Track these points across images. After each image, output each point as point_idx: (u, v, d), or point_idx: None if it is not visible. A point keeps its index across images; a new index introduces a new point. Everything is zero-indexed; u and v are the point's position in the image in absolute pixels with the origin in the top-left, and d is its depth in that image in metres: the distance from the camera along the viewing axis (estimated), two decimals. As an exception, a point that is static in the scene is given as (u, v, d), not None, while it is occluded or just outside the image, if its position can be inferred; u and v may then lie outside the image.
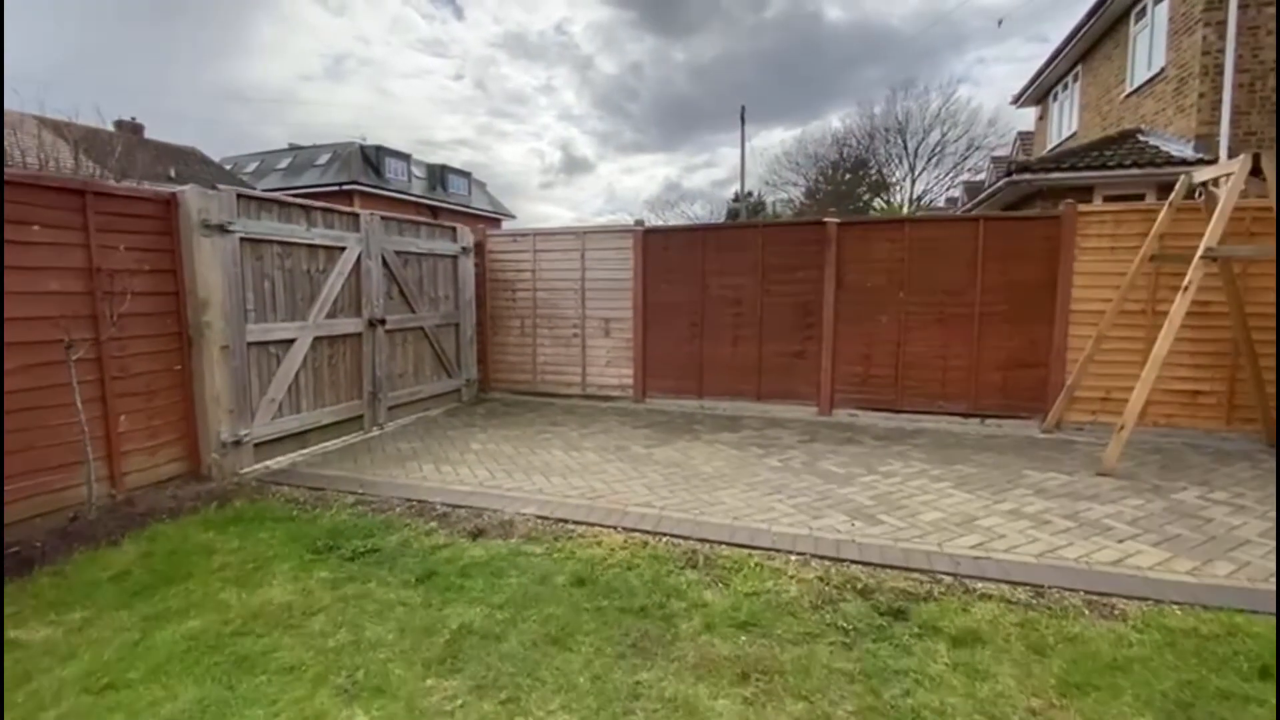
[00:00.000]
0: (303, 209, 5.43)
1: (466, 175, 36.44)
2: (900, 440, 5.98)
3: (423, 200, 30.81)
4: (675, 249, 7.57)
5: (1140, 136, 9.64)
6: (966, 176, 30.10)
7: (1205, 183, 5.51)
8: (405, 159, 32.20)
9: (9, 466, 3.66)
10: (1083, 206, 6.22)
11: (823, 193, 32.33)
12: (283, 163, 32.62)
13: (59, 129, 16.46)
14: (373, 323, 6.17)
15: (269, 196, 5.13)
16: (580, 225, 8.14)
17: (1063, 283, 6.24)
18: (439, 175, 34.45)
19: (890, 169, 32.16)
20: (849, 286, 6.91)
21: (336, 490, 4.57)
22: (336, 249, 5.75)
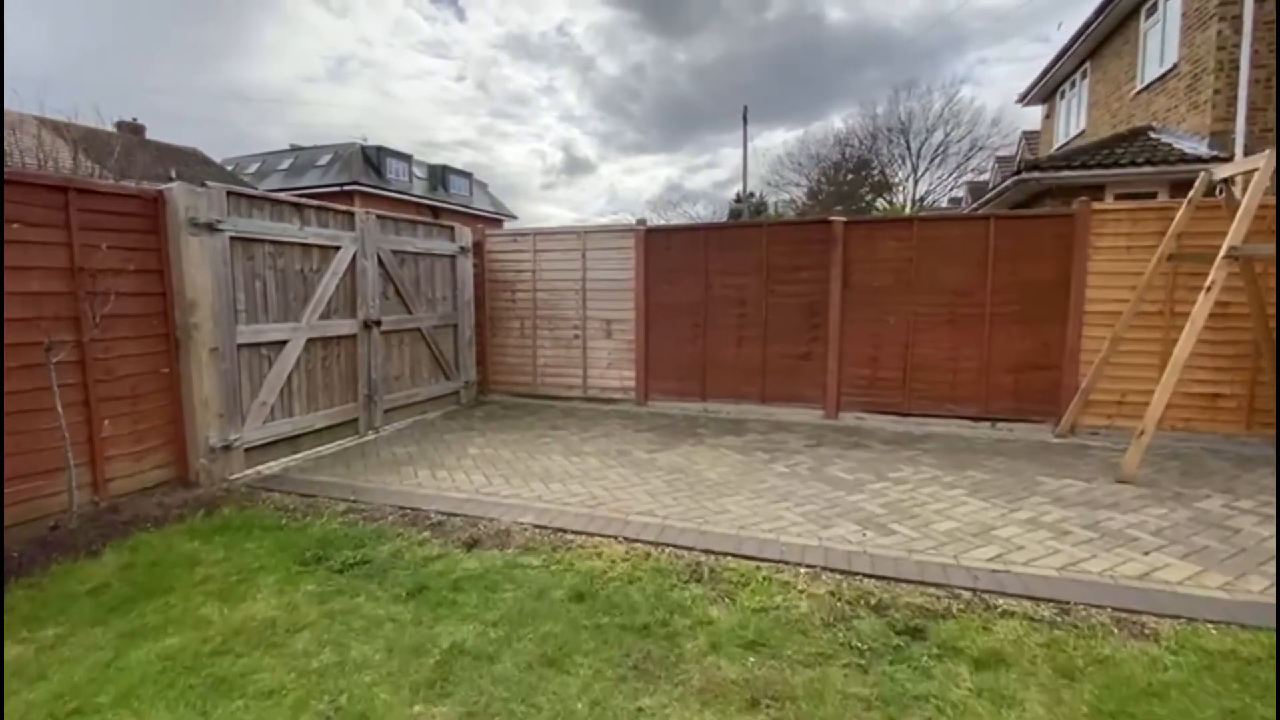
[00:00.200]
0: (295, 207, 5.28)
1: (468, 176, 36.36)
2: (909, 445, 5.81)
3: (424, 201, 30.73)
4: (678, 248, 7.42)
5: (1152, 134, 9.47)
6: (970, 177, 29.94)
7: (1226, 180, 5.34)
8: (406, 159, 32.12)
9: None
10: (1097, 204, 6.06)
11: (825, 193, 32.16)
12: (284, 163, 32.58)
13: (58, 129, 16.38)
14: (368, 324, 6.02)
15: (260, 194, 4.99)
16: (581, 225, 7.97)
17: (1076, 283, 6.07)
18: (440, 176, 34.36)
19: (893, 169, 32.01)
20: (856, 286, 6.75)
21: (328, 497, 4.42)
22: (331, 248, 5.61)
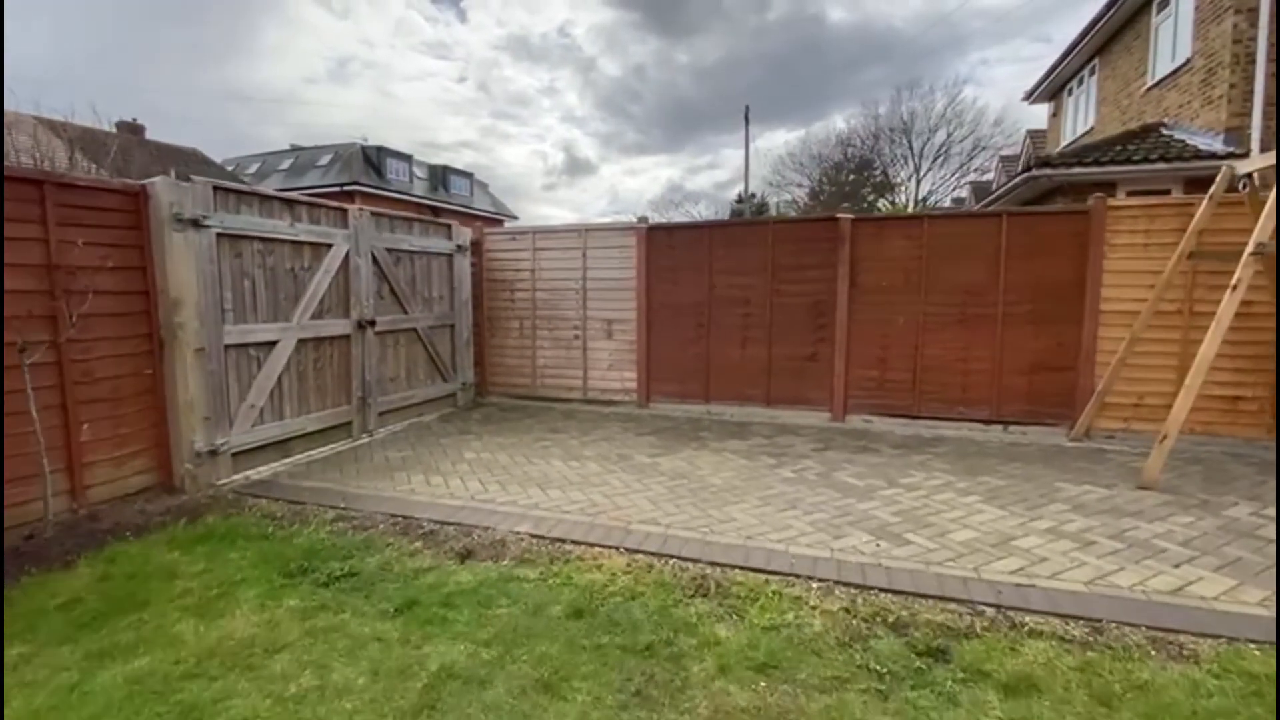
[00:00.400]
0: (286, 203, 5.11)
1: (468, 176, 36.22)
2: (919, 449, 5.63)
3: (424, 201, 30.60)
4: (680, 247, 7.24)
5: (1164, 130, 9.27)
6: (973, 177, 29.73)
7: (1249, 175, 5.15)
8: (407, 160, 32.00)
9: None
10: (1113, 201, 5.87)
11: (827, 193, 31.96)
12: (285, 163, 32.48)
13: (54, 128, 16.26)
14: (362, 324, 5.85)
15: (249, 189, 4.81)
16: (581, 223, 7.80)
17: (1092, 281, 5.88)
18: (441, 176, 34.23)
19: (895, 169, 31.78)
20: (863, 286, 6.57)
21: (317, 504, 4.25)
22: (323, 246, 5.44)
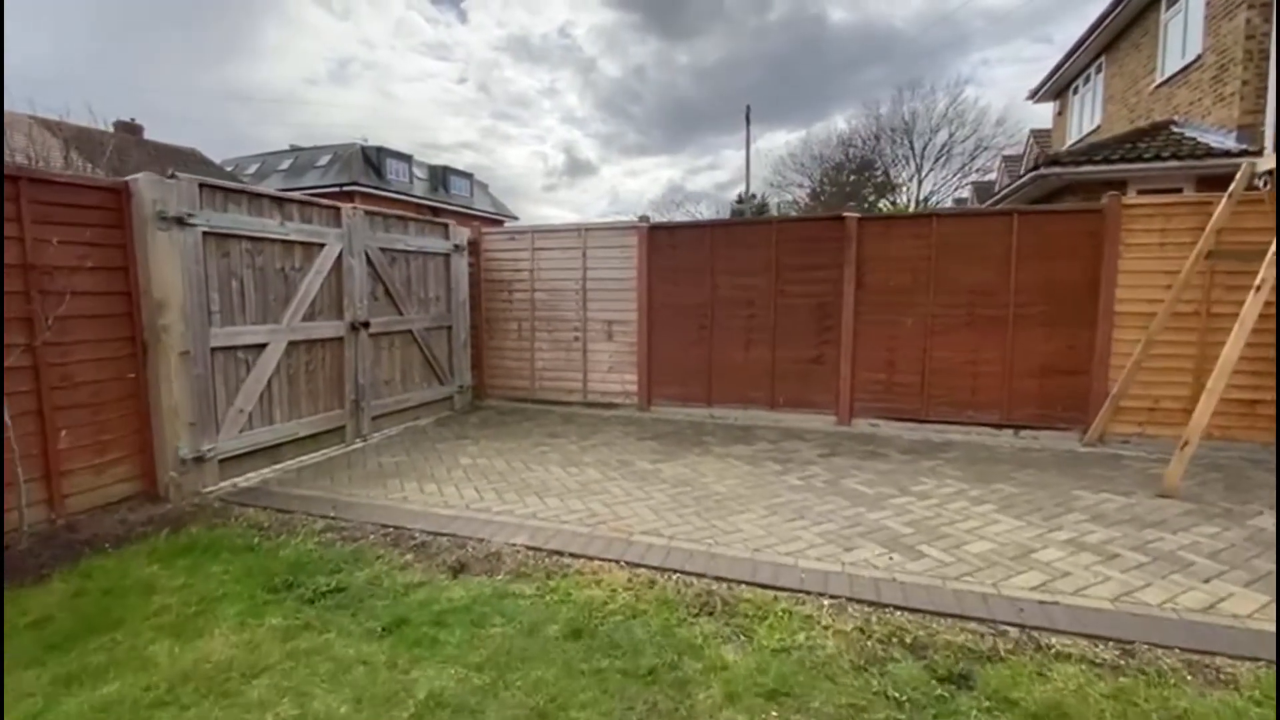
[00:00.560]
0: (276, 201, 4.96)
1: (468, 176, 36.11)
2: (929, 454, 5.47)
3: (424, 201, 30.47)
4: (683, 247, 7.08)
5: (1174, 128, 9.10)
6: (975, 177, 29.57)
7: (1269, 172, 4.99)
8: (406, 160, 31.89)
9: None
10: (1128, 199, 5.71)
11: (828, 194, 31.82)
12: (284, 164, 32.37)
13: (50, 128, 16.13)
14: (355, 326, 5.69)
15: (237, 186, 4.66)
16: (581, 222, 7.65)
17: (1106, 282, 5.72)
18: (441, 176, 34.12)
19: (897, 170, 31.63)
20: (870, 287, 6.41)
21: (306, 513, 4.09)
22: (315, 245, 5.28)
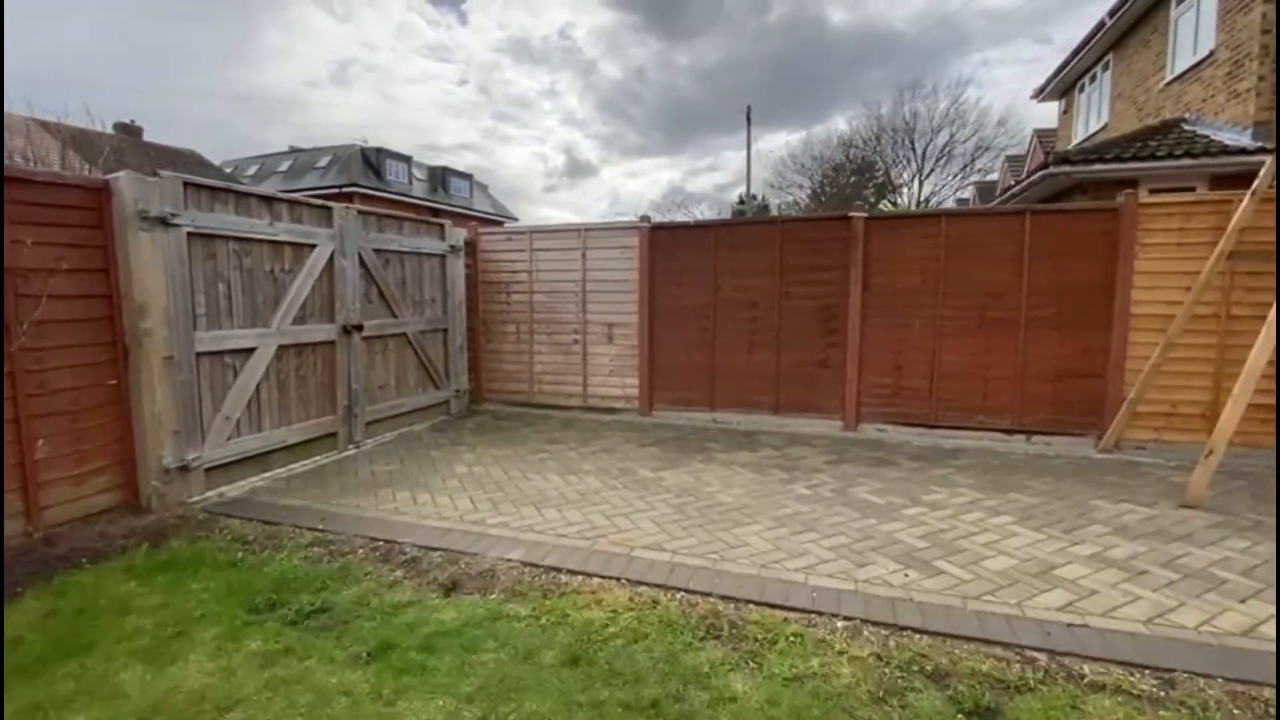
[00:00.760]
0: (265, 200, 4.80)
1: (468, 177, 35.99)
2: (940, 461, 5.29)
3: (423, 202, 30.34)
4: (685, 247, 6.91)
5: (1185, 126, 8.93)
6: (976, 178, 29.43)
7: (1293, 168, 4.81)
8: (406, 161, 31.77)
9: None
10: (1144, 198, 5.53)
11: (828, 195, 31.68)
12: (283, 165, 32.28)
13: (47, 128, 16.02)
14: (348, 329, 5.53)
15: (223, 185, 4.49)
16: (581, 222, 7.49)
17: (1121, 283, 5.55)
18: (440, 177, 34.00)
19: (898, 170, 31.48)
20: (877, 288, 6.24)
21: (294, 525, 3.92)
22: (305, 246, 5.12)
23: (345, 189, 27.35)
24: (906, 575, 3.19)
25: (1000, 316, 5.90)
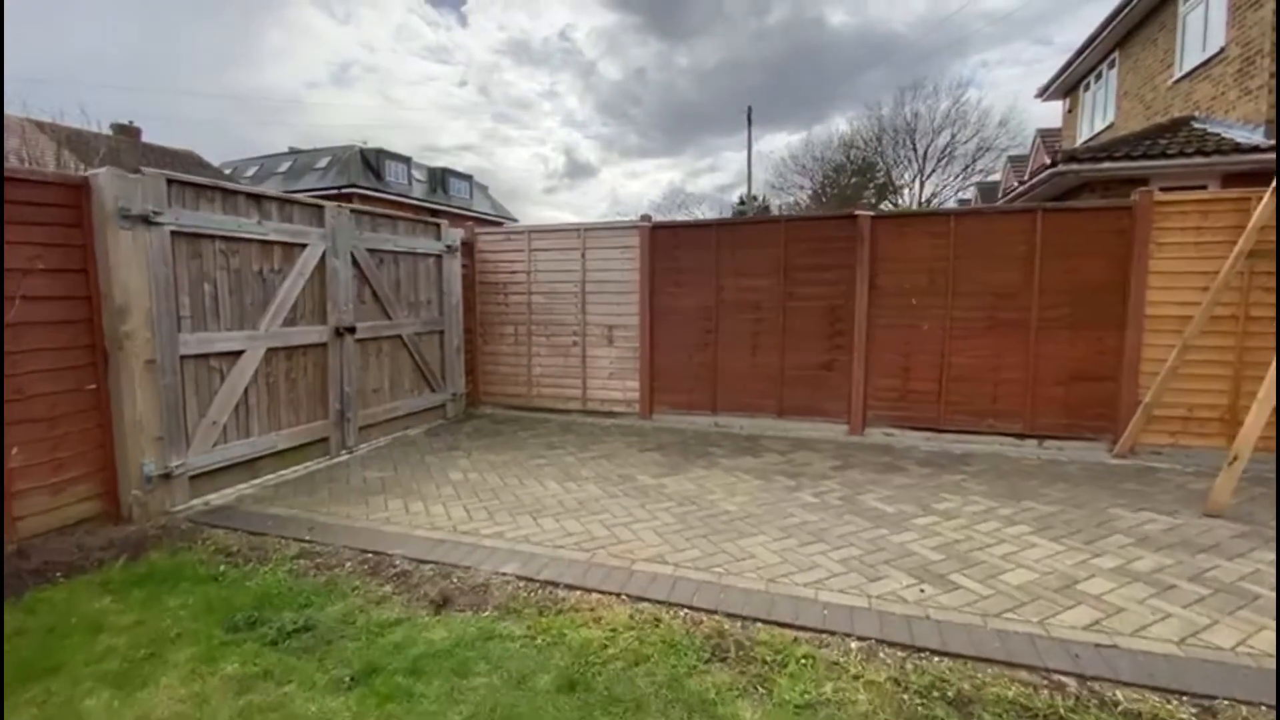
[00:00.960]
0: (253, 199, 4.64)
1: (468, 178, 35.88)
2: (950, 467, 5.13)
3: (423, 203, 30.23)
4: (686, 247, 6.76)
5: (1195, 124, 8.78)
6: (978, 178, 29.31)
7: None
8: (405, 162, 31.66)
9: None
10: (1160, 195, 5.37)
11: (829, 195, 31.57)
12: (282, 166, 32.19)
13: (42, 129, 15.90)
14: (340, 331, 5.37)
15: (209, 182, 4.34)
16: (580, 222, 7.33)
17: (1136, 283, 5.39)
18: (440, 178, 33.89)
19: (899, 171, 31.38)
20: (884, 289, 6.08)
21: (280, 536, 3.76)
22: (295, 246, 4.96)
23: (344, 190, 27.24)
24: (922, 590, 3.03)
25: (1011, 317, 5.74)
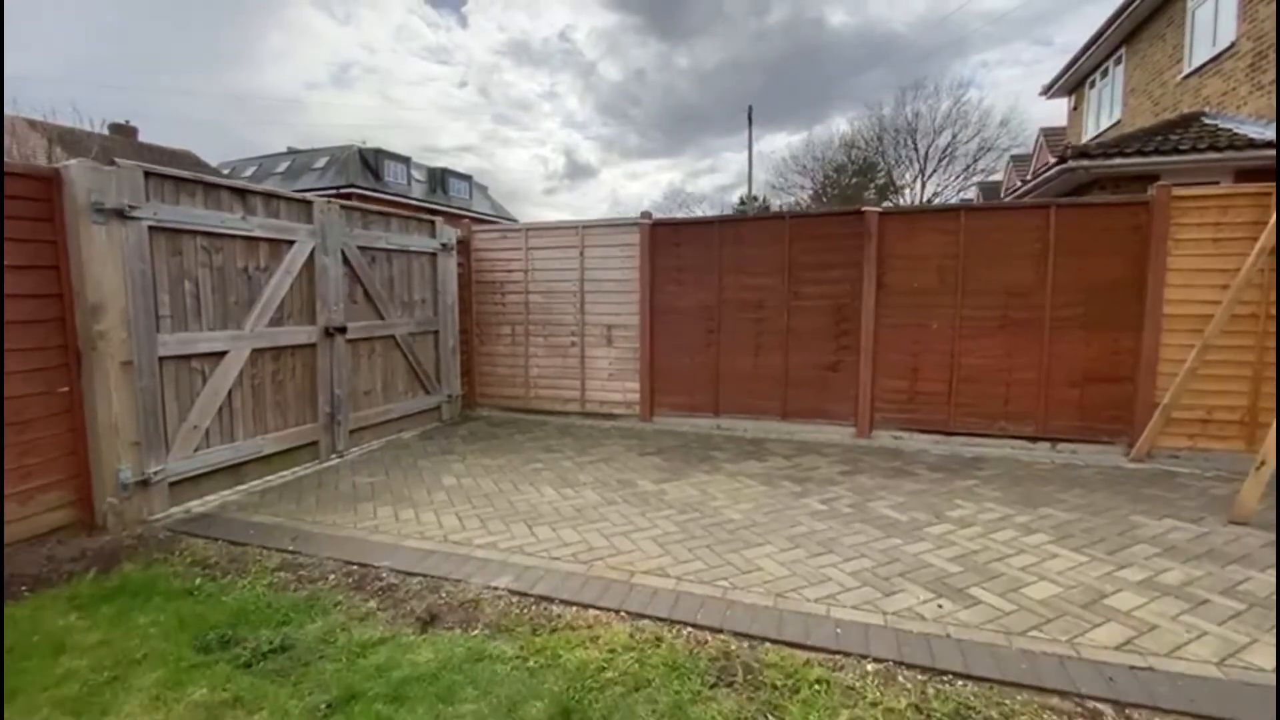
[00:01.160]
0: (237, 193, 4.46)
1: (467, 179, 35.73)
2: (962, 472, 4.95)
3: (422, 203, 30.04)
4: (687, 245, 6.58)
5: (1205, 119, 8.61)
6: (979, 178, 29.18)
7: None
8: (404, 162, 31.51)
9: None
10: (1178, 190, 5.20)
11: (830, 195, 31.45)
12: (281, 166, 32.04)
13: (34, 126, 15.75)
14: (330, 331, 5.19)
15: (190, 176, 4.16)
16: (579, 219, 7.16)
17: (1153, 281, 5.21)
18: (439, 178, 33.73)
19: (900, 171, 31.26)
20: (893, 287, 5.90)
21: (262, 546, 3.58)
22: (283, 242, 4.78)
23: (343, 190, 27.05)
24: (940, 606, 2.85)
25: (1023, 317, 5.56)
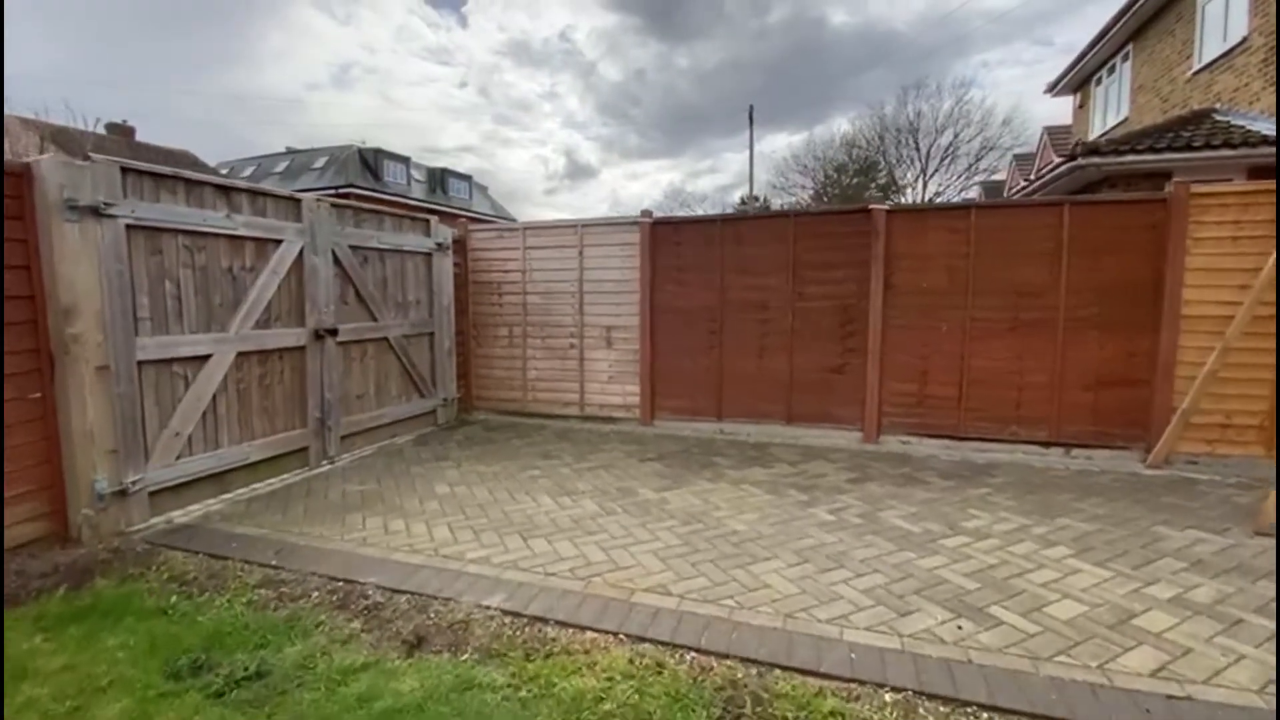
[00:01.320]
0: (221, 190, 4.29)
1: (467, 179, 35.58)
2: (974, 479, 4.78)
3: (422, 203, 29.88)
4: (689, 244, 6.41)
5: (1217, 116, 8.43)
6: (981, 178, 29.00)
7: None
8: (404, 162, 31.35)
9: None
10: (1196, 187, 5.02)
11: (831, 195, 31.27)
12: (279, 166, 31.89)
13: (26, 125, 15.60)
14: (320, 333, 5.02)
15: (170, 172, 3.99)
16: (578, 218, 6.99)
17: (1171, 281, 5.03)
18: (439, 178, 33.58)
19: (902, 170, 31.07)
20: (900, 287, 5.73)
21: (244, 560, 3.41)
22: (270, 241, 4.62)
23: (342, 190, 26.88)
24: (959, 627, 2.68)
25: (1036, 318, 5.39)
